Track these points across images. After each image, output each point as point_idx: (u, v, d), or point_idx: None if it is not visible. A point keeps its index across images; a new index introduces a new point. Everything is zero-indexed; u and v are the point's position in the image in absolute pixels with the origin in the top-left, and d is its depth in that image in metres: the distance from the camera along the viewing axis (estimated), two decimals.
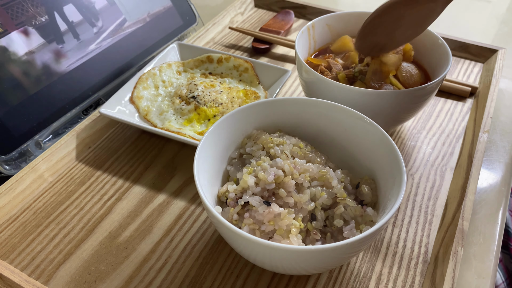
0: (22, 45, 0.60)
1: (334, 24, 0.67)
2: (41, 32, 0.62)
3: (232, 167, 0.49)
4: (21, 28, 0.60)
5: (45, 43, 0.62)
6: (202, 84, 0.65)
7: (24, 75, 0.60)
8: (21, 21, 0.60)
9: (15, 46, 0.59)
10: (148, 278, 0.46)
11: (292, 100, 0.50)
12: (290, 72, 0.66)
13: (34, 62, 0.61)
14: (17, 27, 0.60)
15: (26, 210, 0.53)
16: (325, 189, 0.43)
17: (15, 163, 0.57)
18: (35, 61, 0.61)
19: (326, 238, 0.42)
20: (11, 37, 0.59)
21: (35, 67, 0.61)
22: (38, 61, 0.61)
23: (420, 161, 0.59)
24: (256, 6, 0.96)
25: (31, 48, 0.61)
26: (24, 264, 0.47)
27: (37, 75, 0.61)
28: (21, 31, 0.60)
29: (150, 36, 0.76)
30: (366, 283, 0.46)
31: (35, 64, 0.61)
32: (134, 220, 0.52)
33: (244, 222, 0.41)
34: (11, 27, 0.59)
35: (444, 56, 0.59)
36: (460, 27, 0.96)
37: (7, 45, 0.58)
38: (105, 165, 0.59)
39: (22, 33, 0.60)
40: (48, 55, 0.62)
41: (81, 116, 0.66)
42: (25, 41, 0.60)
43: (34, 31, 0.61)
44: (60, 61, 0.64)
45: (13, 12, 0.60)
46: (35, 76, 0.61)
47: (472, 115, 0.66)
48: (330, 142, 0.51)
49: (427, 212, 0.53)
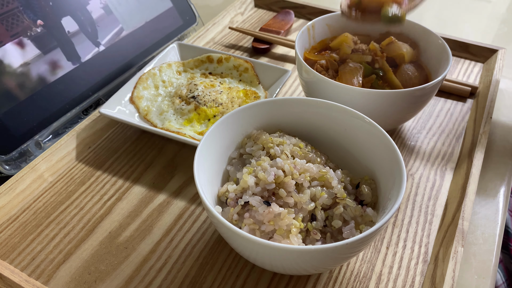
0: (24, 46, 0.60)
1: (334, 24, 0.67)
2: (42, 34, 0.62)
3: (232, 167, 0.49)
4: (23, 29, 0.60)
5: (45, 43, 0.62)
6: (202, 84, 0.65)
7: (24, 75, 0.60)
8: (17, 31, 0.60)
9: (16, 47, 0.59)
10: (148, 278, 0.46)
11: (292, 100, 0.50)
12: (290, 72, 0.66)
13: (34, 62, 0.61)
14: (15, 33, 0.60)
15: (26, 210, 0.53)
16: (325, 189, 0.43)
17: (15, 163, 0.57)
18: (35, 61, 0.61)
19: (326, 238, 0.42)
20: (8, 48, 0.59)
21: (35, 67, 0.61)
22: (38, 61, 0.61)
23: (420, 161, 0.59)
24: (256, 6, 0.96)
25: (31, 48, 0.61)
26: (24, 264, 0.47)
27: (37, 75, 0.61)
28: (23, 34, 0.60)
29: (150, 36, 0.76)
30: (366, 283, 0.46)
31: (35, 63, 0.61)
32: (134, 220, 0.52)
33: (244, 222, 0.41)
34: (6, 37, 0.59)
35: (444, 56, 0.59)
36: (460, 27, 0.96)
37: (8, 45, 0.58)
38: (105, 165, 0.59)
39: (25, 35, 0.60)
40: (48, 55, 0.62)
41: (81, 116, 0.66)
42: (27, 42, 0.60)
43: (34, 34, 0.61)
44: (60, 61, 0.64)
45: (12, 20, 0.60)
46: (35, 76, 0.61)
47: (472, 115, 0.66)
48: (330, 142, 0.51)
49: (427, 212, 0.53)
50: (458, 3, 1.07)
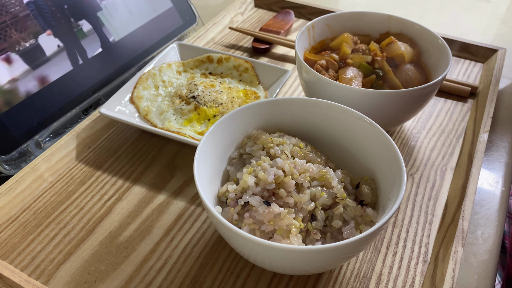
0: (24, 46, 0.60)
1: (334, 24, 0.67)
2: (43, 34, 0.62)
3: (232, 167, 0.49)
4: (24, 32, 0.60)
5: (45, 43, 0.62)
6: (202, 84, 0.65)
7: (24, 74, 0.60)
8: None
9: None
10: (148, 278, 0.46)
11: (292, 100, 0.50)
12: (290, 72, 0.66)
13: (34, 62, 0.61)
14: None
15: (26, 210, 0.53)
16: (325, 189, 0.43)
17: (15, 163, 0.57)
18: (35, 61, 0.61)
19: (326, 238, 0.42)
20: None
21: (35, 66, 0.61)
22: (38, 61, 0.61)
23: (420, 161, 0.59)
24: (256, 6, 0.96)
25: (31, 48, 0.61)
26: (24, 264, 0.47)
27: (37, 75, 0.61)
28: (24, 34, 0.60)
29: (150, 36, 0.76)
30: (366, 283, 0.46)
31: (35, 64, 0.61)
32: (134, 220, 0.52)
33: (244, 222, 0.41)
34: None
35: (444, 56, 0.59)
36: (460, 27, 0.96)
37: None
38: (105, 165, 0.59)
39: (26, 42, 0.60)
40: (48, 55, 0.62)
41: (81, 116, 0.66)
42: (27, 42, 0.60)
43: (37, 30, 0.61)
44: (60, 61, 0.64)
45: None
46: (35, 76, 0.61)
47: (472, 115, 0.66)
48: (330, 142, 0.51)
49: (427, 212, 0.53)
50: (458, 3, 1.07)
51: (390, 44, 0.61)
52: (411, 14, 0.98)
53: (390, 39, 0.62)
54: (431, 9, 1.03)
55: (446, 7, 1.04)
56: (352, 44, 0.63)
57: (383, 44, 0.62)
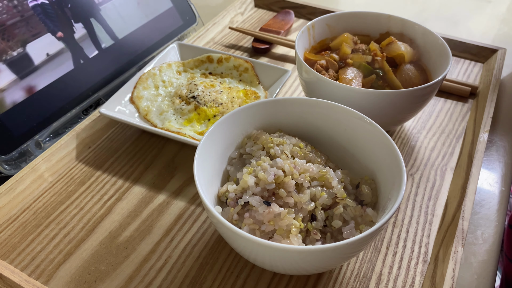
0: (24, 46, 0.60)
1: (334, 24, 0.67)
2: (43, 34, 0.62)
3: (232, 167, 0.49)
4: None
5: (46, 44, 0.62)
6: (202, 84, 0.65)
7: (24, 74, 0.60)
8: None
9: None
10: (148, 278, 0.46)
11: (292, 100, 0.50)
12: (290, 72, 0.66)
13: (34, 62, 0.61)
14: None
15: (26, 210, 0.53)
16: (325, 189, 0.43)
17: (15, 163, 0.57)
18: (35, 61, 0.61)
19: (326, 238, 0.42)
20: None
21: (35, 67, 0.61)
22: (38, 61, 0.61)
23: (420, 161, 0.59)
24: (256, 6, 0.96)
25: (31, 48, 0.61)
26: (24, 264, 0.47)
27: (37, 75, 0.61)
28: None
29: (150, 36, 0.76)
30: (366, 283, 0.46)
31: (35, 63, 0.61)
32: (134, 220, 0.52)
33: (244, 222, 0.41)
34: None
35: (444, 56, 0.59)
36: (460, 27, 0.96)
37: None
38: (105, 165, 0.59)
39: None
40: (48, 55, 0.62)
41: (81, 116, 0.66)
42: (27, 42, 0.60)
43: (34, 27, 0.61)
44: (60, 61, 0.64)
45: None
46: (35, 76, 0.61)
47: (472, 115, 0.66)
48: (330, 142, 0.51)
49: (427, 212, 0.53)
50: (458, 3, 1.07)
51: (390, 44, 0.61)
52: (411, 14, 0.98)
53: (390, 39, 0.62)
54: (431, 9, 1.03)
55: (446, 7, 1.04)
56: (352, 44, 0.63)
57: (383, 44, 0.62)
